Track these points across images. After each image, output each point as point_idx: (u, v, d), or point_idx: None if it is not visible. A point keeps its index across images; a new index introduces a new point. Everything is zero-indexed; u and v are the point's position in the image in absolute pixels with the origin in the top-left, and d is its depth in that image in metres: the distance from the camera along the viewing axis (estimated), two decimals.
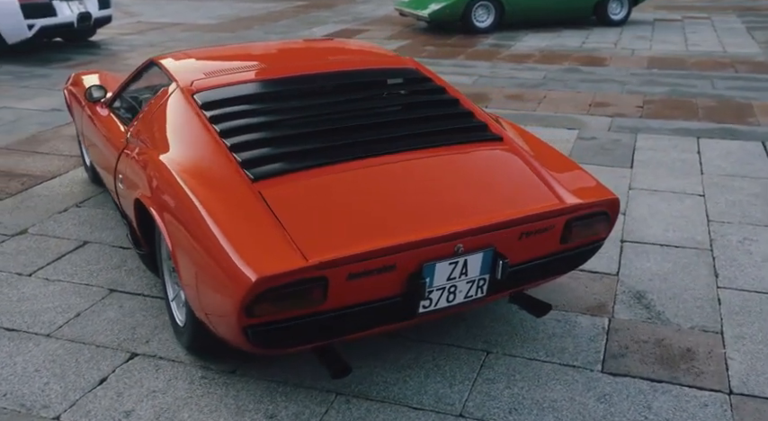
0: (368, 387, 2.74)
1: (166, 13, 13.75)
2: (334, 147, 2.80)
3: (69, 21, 9.52)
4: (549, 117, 6.35)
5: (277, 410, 2.62)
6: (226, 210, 2.50)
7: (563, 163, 3.03)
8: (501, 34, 10.91)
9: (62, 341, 3.05)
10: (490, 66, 8.59)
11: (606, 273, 3.59)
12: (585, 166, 5.03)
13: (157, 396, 2.71)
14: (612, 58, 9.02)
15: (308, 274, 2.27)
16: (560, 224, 2.70)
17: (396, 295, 2.49)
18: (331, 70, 3.30)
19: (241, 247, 2.33)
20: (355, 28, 11.77)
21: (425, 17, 10.84)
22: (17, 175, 5.04)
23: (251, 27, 11.95)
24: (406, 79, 3.39)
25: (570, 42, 10.22)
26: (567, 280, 3.51)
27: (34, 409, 2.64)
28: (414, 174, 2.72)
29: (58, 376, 2.83)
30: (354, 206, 2.53)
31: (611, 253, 3.80)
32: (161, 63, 3.49)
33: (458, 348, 2.98)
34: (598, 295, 3.39)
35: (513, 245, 2.62)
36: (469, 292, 2.62)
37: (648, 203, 4.44)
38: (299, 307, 2.32)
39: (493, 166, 2.87)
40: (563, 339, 3.04)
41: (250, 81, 3.14)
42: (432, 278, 2.49)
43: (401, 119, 3.04)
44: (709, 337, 3.05)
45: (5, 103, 7.08)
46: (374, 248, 2.34)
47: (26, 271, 3.66)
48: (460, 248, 2.49)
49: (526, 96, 7.10)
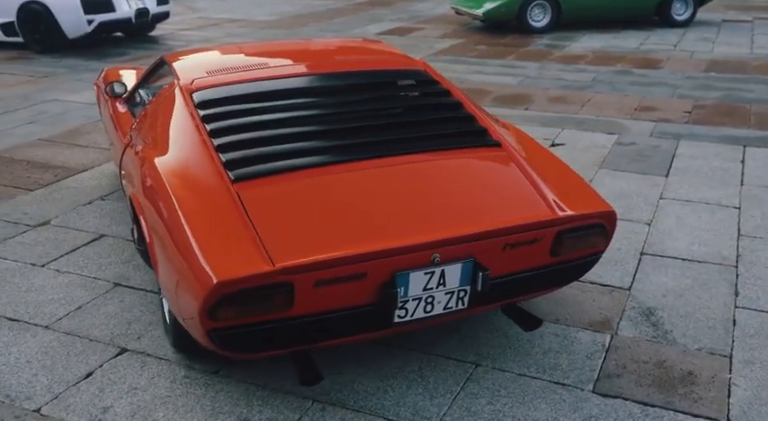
0: (346, 395, 2.69)
1: (229, 9, 13.96)
2: (323, 150, 2.75)
3: (127, 16, 9.76)
4: (589, 120, 6.15)
5: (251, 414, 2.60)
6: (201, 210, 2.48)
7: (562, 172, 2.91)
8: (557, 34, 10.65)
9: (58, 333, 3.10)
10: (539, 66, 8.39)
11: (618, 287, 3.44)
12: (618, 173, 4.86)
13: (137, 393, 2.72)
14: (669, 61, 8.68)
15: (272, 280, 2.23)
16: (550, 236, 2.59)
17: (368, 304, 2.42)
18: (334, 71, 3.26)
19: (208, 249, 2.31)
20: (410, 26, 11.70)
21: (480, 16, 10.68)
22: (53, 167, 5.18)
23: (307, 24, 12.03)
24: (411, 81, 3.32)
25: (627, 43, 9.90)
26: (574, 292, 3.38)
27: (18, 400, 2.69)
28: (401, 179, 2.65)
29: (47, 368, 2.87)
30: (333, 211, 2.48)
31: (628, 265, 3.64)
32: (169, 61, 3.52)
33: (446, 359, 2.90)
34: (605, 310, 3.24)
35: (496, 256, 2.52)
36: (449, 304, 2.54)
37: (678, 214, 4.24)
38: (263, 312, 2.28)
39: (485, 173, 2.77)
40: (558, 355, 2.92)
41: (249, 80, 3.13)
42: (406, 288, 2.42)
43: (398, 121, 2.97)
44: (715, 361, 2.87)
45: (57, 95, 7.30)
46: (342, 256, 2.28)
47: (40, 262, 3.75)
48: (437, 258, 2.41)
49: (570, 98, 6.90)
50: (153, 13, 10.14)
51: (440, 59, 8.85)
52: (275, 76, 3.18)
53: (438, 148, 2.84)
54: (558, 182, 2.78)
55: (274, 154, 2.70)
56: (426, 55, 9.13)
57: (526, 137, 3.24)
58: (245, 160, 2.67)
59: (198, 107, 2.96)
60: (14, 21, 9.61)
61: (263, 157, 2.69)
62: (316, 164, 2.67)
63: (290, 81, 3.15)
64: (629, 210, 4.29)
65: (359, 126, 2.91)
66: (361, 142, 2.80)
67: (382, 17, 12.75)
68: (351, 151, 2.76)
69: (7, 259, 3.78)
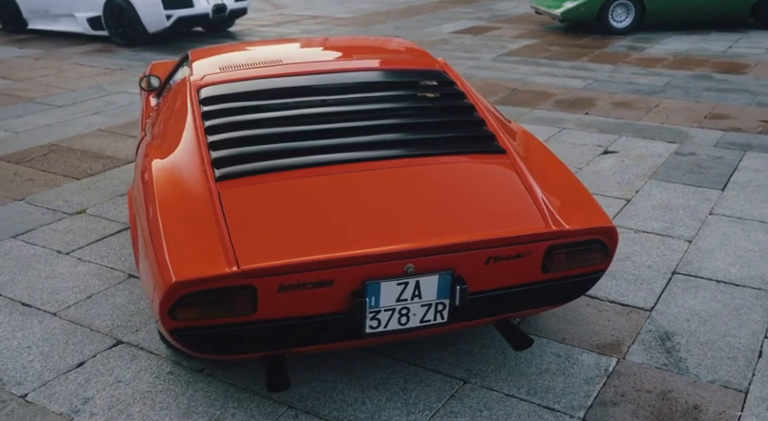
0: (323, 403, 2.62)
1: (310, 6, 14.12)
2: (317, 150, 2.69)
3: (205, 12, 10.00)
4: (650, 128, 5.83)
5: (223, 416, 2.56)
6: (178, 208, 2.46)
7: (566, 184, 2.73)
8: (639, 36, 10.20)
9: (63, 321, 3.17)
10: (611, 69, 8.04)
11: (638, 308, 3.22)
12: (668, 185, 4.58)
13: (120, 386, 2.74)
14: (757, 66, 8.15)
15: (233, 282, 2.19)
16: (539, 251, 2.43)
17: (337, 312, 2.34)
18: (345, 69, 3.18)
19: (174, 247, 2.28)
20: (487, 25, 11.48)
21: (558, 16, 10.35)
22: (103, 157, 5.34)
23: (383, 22, 12.00)
24: (426, 82, 3.20)
25: (714, 46, 9.36)
26: (588, 310, 3.19)
27: (8, 385, 2.75)
28: (389, 184, 2.55)
29: (44, 355, 2.94)
30: (311, 214, 2.41)
31: (655, 285, 3.40)
32: (191, 56, 3.53)
33: (434, 373, 2.78)
34: (618, 331, 3.04)
35: (479, 270, 2.39)
36: (426, 317, 2.42)
37: (725, 232, 3.94)
38: (225, 314, 2.24)
39: (481, 181, 2.63)
40: (554, 377, 2.75)
41: (259, 77, 3.10)
42: (377, 297, 2.32)
43: (402, 123, 2.87)
44: (727, 395, 2.63)
45: (125, 87, 7.55)
46: (305, 261, 2.21)
47: (66, 249, 3.85)
48: (410, 269, 2.30)
49: (636, 104, 6.57)
50: (230, 9, 10.35)
51: (507, 60, 8.63)
52: (285, 73, 3.13)
53: (438, 153, 2.72)
54: (559, 194, 2.62)
55: (265, 153, 2.66)
56: (496, 55, 8.93)
57: (538, 145, 3.07)
58: (232, 158, 2.63)
59: (202, 103, 2.96)
60: (101, 15, 10.02)
61: (252, 156, 2.65)
62: (305, 164, 2.60)
63: (300, 79, 3.10)
64: (670, 226, 4.02)
65: (360, 126, 2.82)
66: (357, 143, 2.72)
67: (461, 15, 12.58)
68: (346, 152, 2.68)
69: (37, 245, 3.91)
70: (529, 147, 2.96)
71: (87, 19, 10.19)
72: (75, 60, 9.06)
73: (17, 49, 9.88)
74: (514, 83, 7.45)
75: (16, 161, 5.27)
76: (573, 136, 5.65)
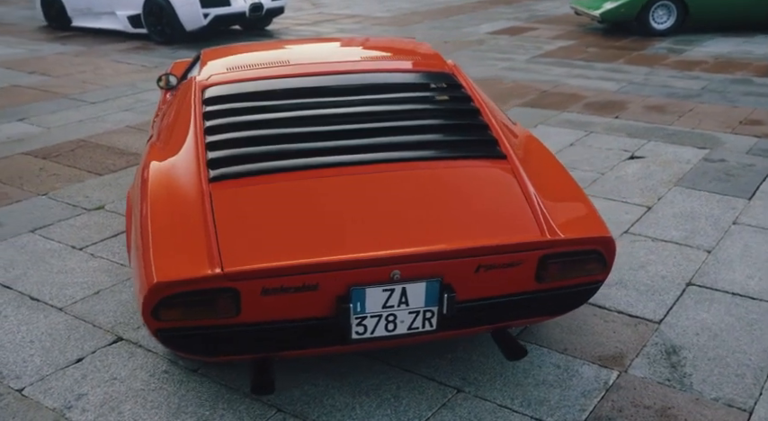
0: (312, 408, 2.60)
1: (350, 6, 14.13)
2: (314, 152, 2.66)
3: (241, 11, 10.09)
4: (680, 133, 5.67)
5: (212, 417, 2.56)
6: (170, 208, 2.46)
7: (568, 192, 2.65)
8: (680, 37, 9.95)
9: (68, 316, 3.21)
10: (647, 72, 7.86)
11: (647, 319, 3.12)
12: (693, 192, 4.44)
13: (115, 383, 2.76)
14: None
15: (215, 284, 2.18)
16: (532, 260, 2.37)
17: (323, 317, 2.32)
18: (351, 70, 3.15)
19: (160, 248, 2.28)
20: (524, 26, 11.33)
21: (597, 17, 10.16)
22: (127, 153, 5.42)
23: (420, 22, 11.94)
24: (433, 85, 3.15)
25: (758, 49, 9.08)
26: (594, 320, 3.10)
27: (7, 379, 2.80)
28: (383, 188, 2.52)
29: (45, 350, 2.98)
30: (300, 217, 2.39)
31: (667, 296, 3.30)
32: (202, 55, 3.55)
33: (429, 381, 2.73)
34: (622, 343, 2.95)
35: (469, 278, 2.34)
36: (414, 324, 2.38)
37: (747, 243, 3.80)
38: (208, 316, 2.23)
39: (478, 187, 2.57)
40: (551, 389, 2.68)
41: (264, 78, 3.08)
42: (363, 303, 2.29)
43: (403, 126, 2.83)
44: (729, 414, 2.53)
45: None
46: (288, 265, 2.19)
47: (80, 245, 3.91)
48: (397, 275, 2.27)
49: (669, 108, 6.40)
50: (267, 8, 10.42)
51: (541, 61, 8.50)
52: (290, 74, 3.12)
53: (436, 157, 2.67)
54: (558, 202, 2.55)
55: (261, 154, 2.64)
56: (530, 56, 8.81)
57: (542, 151, 2.99)
58: (228, 159, 2.63)
59: (205, 103, 2.96)
60: (141, 13, 10.18)
61: (248, 157, 2.64)
62: (300, 167, 2.58)
63: (304, 80, 3.08)
64: (691, 235, 3.90)
65: (359, 129, 2.79)
66: (355, 146, 2.69)
67: (499, 16, 12.45)
68: (343, 155, 2.65)
69: (53, 240, 3.97)
70: (532, 153, 2.89)
71: (128, 17, 10.36)
72: (114, 57, 9.22)
73: (59, 46, 10.10)
74: (546, 85, 7.33)
75: (44, 156, 5.37)
76: (599, 140, 5.53)
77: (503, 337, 2.62)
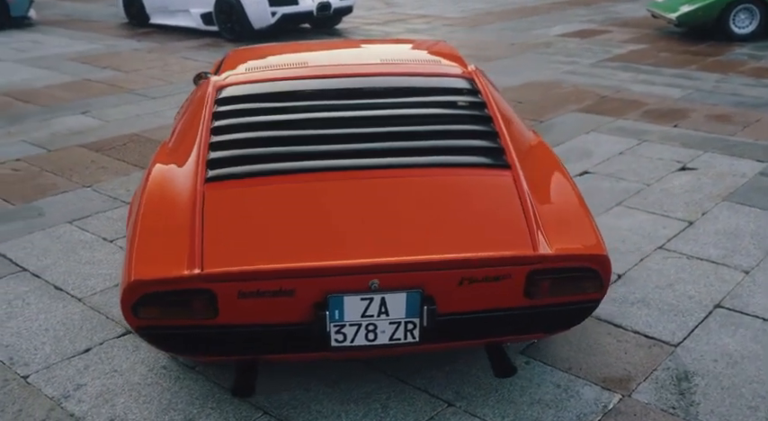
0: (298, 413, 2.58)
1: (424, 6, 14.07)
2: (313, 156, 2.65)
3: (309, 9, 10.19)
4: (741, 144, 5.37)
5: (199, 416, 2.58)
6: (162, 206, 2.50)
7: (570, 207, 2.53)
8: (763, 43, 9.44)
9: (85, 307, 3.31)
10: (718, 79, 7.49)
11: (663, 341, 2.96)
12: (742, 208, 4.21)
13: (114, 376, 2.82)
14: None
15: (191, 285, 2.19)
16: (521, 275, 2.28)
17: (301, 323, 2.29)
18: (368, 73, 3.11)
19: (144, 246, 2.32)
20: (597, 28, 11.01)
21: (673, 20, 9.76)
22: None
23: (492, 22, 11.77)
24: (448, 89, 3.07)
25: None
26: (607, 339, 2.97)
27: (16, 365, 2.90)
28: (375, 195, 2.47)
29: (57, 339, 3.07)
30: (287, 221, 2.37)
31: (691, 317, 3.12)
32: (229, 55, 3.59)
33: (421, 392, 2.67)
34: (632, 365, 2.81)
35: (451, 290, 2.27)
36: (396, 335, 2.33)
37: None
38: (184, 316, 2.24)
39: (475, 197, 2.49)
40: (545, 409, 2.57)
41: (276, 79, 3.08)
42: (341, 311, 2.26)
43: (407, 131, 2.78)
44: None
45: None
46: (264, 269, 2.18)
47: (111, 237, 4.02)
48: (375, 284, 2.22)
49: (734, 118, 6.08)
50: (335, 7, 10.48)
51: (607, 65, 8.23)
52: (306, 76, 3.10)
53: (436, 164, 2.61)
54: (556, 217, 2.44)
55: (260, 156, 2.64)
56: (596, 60, 8.54)
57: (552, 163, 2.87)
58: (227, 160, 2.64)
59: (217, 103, 2.98)
60: (212, 11, 10.43)
61: (247, 159, 2.64)
62: (296, 170, 2.57)
63: (318, 82, 3.06)
64: (730, 254, 3.68)
65: (364, 133, 2.75)
66: (355, 150, 2.66)
67: (574, 18, 12.13)
68: (342, 159, 2.62)
69: (88, 231, 4.10)
70: (539, 164, 2.78)
71: (201, 14, 10.63)
72: (183, 54, 9.47)
73: (135, 43, 10.46)
74: (606, 90, 7.09)
75: (97, 149, 5.57)
76: (651, 149, 5.30)
77: (495, 353, 2.54)
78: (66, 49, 9.97)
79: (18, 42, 10.66)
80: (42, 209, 4.43)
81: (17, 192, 4.73)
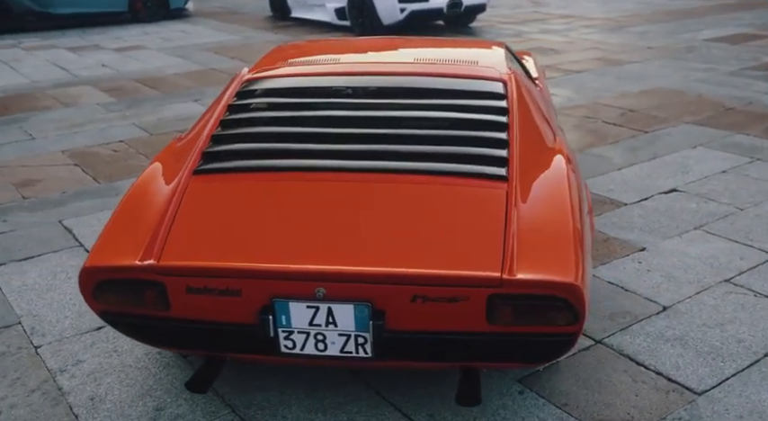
0: (263, 415, 2.52)
1: (570, 5, 13.53)
2: (306, 154, 2.58)
3: (439, 7, 10.08)
4: None
5: (168, 405, 2.59)
6: (144, 196, 2.52)
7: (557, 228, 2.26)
8: None
9: None
10: None
11: (686, 387, 2.62)
12: None
13: (112, 356, 2.90)
14: None
15: (141, 276, 2.19)
16: (480, 298, 2.08)
17: (248, 324, 2.23)
18: (393, 73, 2.99)
19: (110, 233, 2.35)
20: (753, 33, 10.04)
21: None
22: None
23: (635, 24, 11.08)
24: (474, 93, 2.88)
25: None
26: (622, 376, 2.67)
27: (34, 335, 3.06)
28: (347, 200, 2.36)
29: (78, 314, 3.21)
30: (255, 220, 2.32)
31: (731, 364, 2.74)
32: (272, 49, 3.59)
33: (394, 411, 2.53)
34: (637, 410, 2.50)
35: (403, 307, 2.12)
36: (347, 348, 2.21)
37: None
38: (137, 306, 2.25)
39: (454, 210, 2.31)
40: None
41: (300, 75, 3.04)
42: (287, 317, 2.17)
43: (410, 135, 2.64)
44: None
45: None
46: (209, 266, 2.15)
47: None
48: (321, 293, 2.12)
49: None
50: (466, 5, 10.30)
51: (748, 74, 7.48)
52: (331, 73, 3.03)
53: (429, 172, 2.46)
54: (539, 238, 2.20)
55: (254, 152, 2.62)
56: (738, 68, 7.79)
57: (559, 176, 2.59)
58: (221, 154, 2.63)
59: (237, 96, 2.99)
60: (345, 6, 10.60)
61: (240, 154, 2.62)
62: (282, 168, 2.52)
63: (341, 79, 2.98)
64: None
65: (364, 134, 2.65)
66: (349, 151, 2.56)
67: (729, 22, 11.16)
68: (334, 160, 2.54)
69: None
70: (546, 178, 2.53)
71: (335, 9, 10.84)
72: None
73: (271, 35, 10.85)
74: (735, 101, 6.44)
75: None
76: (761, 170, 4.74)
77: (467, 378, 2.35)
78: (206, 40, 10.52)
79: (168, 32, 11.39)
80: (121, 189, 4.68)
81: (107, 171, 5.03)
